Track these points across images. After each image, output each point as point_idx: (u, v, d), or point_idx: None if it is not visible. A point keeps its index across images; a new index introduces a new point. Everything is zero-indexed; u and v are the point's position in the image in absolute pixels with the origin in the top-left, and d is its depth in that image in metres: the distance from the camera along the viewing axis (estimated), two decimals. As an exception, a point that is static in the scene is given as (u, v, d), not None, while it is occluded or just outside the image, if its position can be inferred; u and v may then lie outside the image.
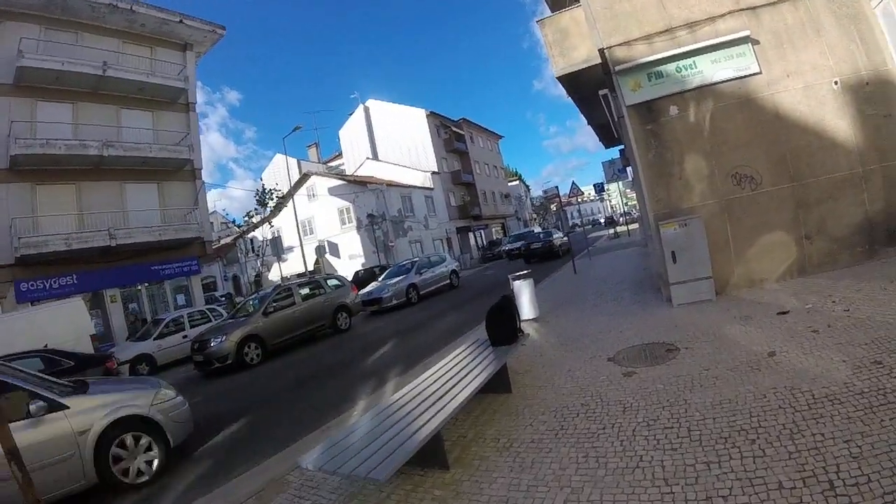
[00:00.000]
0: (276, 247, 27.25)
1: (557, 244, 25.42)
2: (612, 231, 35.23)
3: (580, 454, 3.90)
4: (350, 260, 36.36)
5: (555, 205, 20.98)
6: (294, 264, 31.66)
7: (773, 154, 7.93)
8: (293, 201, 30.49)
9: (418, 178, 43.68)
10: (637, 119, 8.48)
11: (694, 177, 8.19)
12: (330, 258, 37.97)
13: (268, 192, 30.77)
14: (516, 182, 71.00)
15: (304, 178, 40.26)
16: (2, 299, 17.28)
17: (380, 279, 20.76)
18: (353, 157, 50.29)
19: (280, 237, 30.11)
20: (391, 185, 39.43)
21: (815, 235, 7.85)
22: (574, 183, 20.89)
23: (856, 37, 7.74)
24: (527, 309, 9.64)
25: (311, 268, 32.13)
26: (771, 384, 4.36)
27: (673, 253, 7.70)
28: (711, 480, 3.20)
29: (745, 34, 7.89)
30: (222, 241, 37.58)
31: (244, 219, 35.16)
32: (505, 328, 5.99)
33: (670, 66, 8.26)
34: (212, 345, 12.34)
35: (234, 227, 33.63)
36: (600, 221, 73.86)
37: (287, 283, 15.96)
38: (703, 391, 4.53)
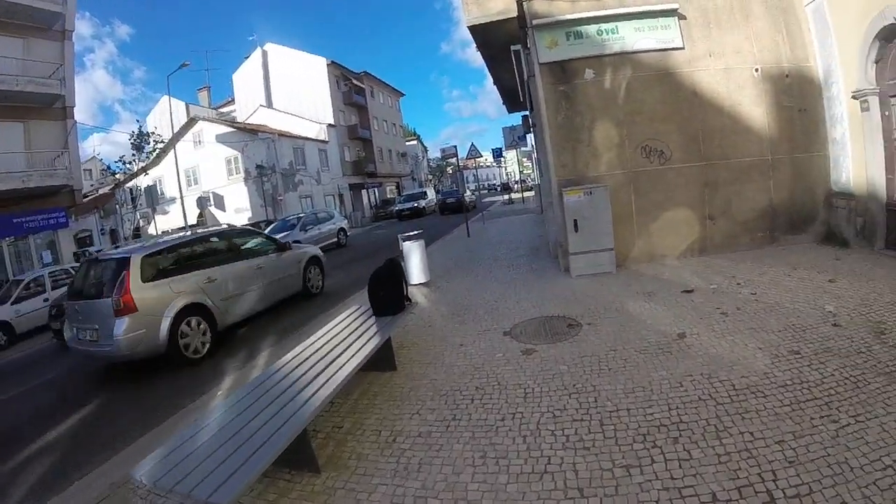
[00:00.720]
0: (151, 197, 24.43)
1: (468, 201, 26.79)
2: (507, 197, 35.45)
3: (476, 454, 3.22)
4: (236, 213, 33.67)
5: (451, 167, 20.38)
6: (177, 217, 28.71)
7: (687, 131, 7.72)
8: (175, 149, 27.43)
9: (313, 130, 41.23)
10: (549, 78, 7.87)
11: (603, 145, 7.77)
12: (215, 211, 35.05)
13: (144, 135, 27.36)
14: (414, 142, 69.68)
15: (190, 122, 36.41)
16: None
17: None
18: (246, 103, 46.39)
19: (157, 186, 27.13)
20: (283, 135, 36.82)
21: (718, 216, 7.79)
22: (473, 145, 20.40)
23: (783, 28, 7.66)
24: (416, 273, 8.95)
25: (193, 221, 29.42)
26: (685, 370, 3.95)
27: (575, 221, 7.27)
28: (634, 490, 2.65)
29: (674, 7, 7.57)
30: (100, 190, 33.38)
31: (118, 164, 31.36)
32: (390, 296, 5.19)
33: (591, 28, 7.72)
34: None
35: (119, 176, 29.75)
36: (496, 187, 74.89)
37: (173, 237, 13.81)
38: (613, 376, 4.03)
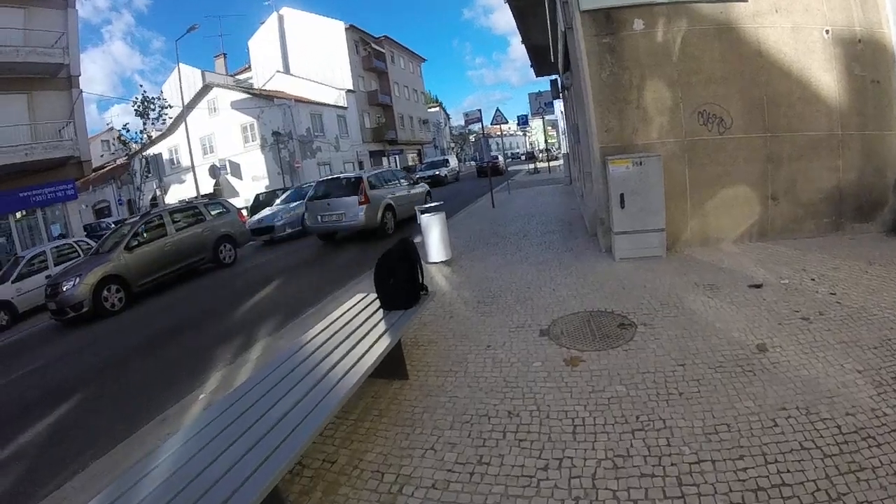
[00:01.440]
0: (157, 167, 23.76)
1: (502, 164, 27.85)
2: (532, 166, 34.05)
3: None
4: (253, 181, 33.02)
5: (474, 135, 19.26)
6: (193, 186, 28.05)
7: (749, 96, 6.58)
8: (185, 117, 26.62)
9: (332, 96, 40.08)
10: (592, 29, 6.74)
11: (654, 107, 6.67)
12: (231, 179, 34.48)
13: (148, 101, 26.49)
14: (436, 109, 67.96)
15: (204, 89, 35.55)
16: None
17: (276, 203, 18.36)
18: (263, 70, 45.19)
19: (173, 155, 26.39)
20: (300, 101, 35.76)
21: (781, 196, 6.68)
22: (499, 110, 19.10)
23: (855, -15, 6.46)
24: (436, 250, 8.07)
25: (209, 190, 28.76)
26: (777, 401, 3.03)
27: (622, 196, 6.25)
28: None
29: (742, -48, 6.35)
30: (118, 161, 33.02)
31: (130, 134, 30.70)
32: (402, 286, 4.30)
33: (644, -30, 6.58)
34: (64, 289, 9.88)
35: (132, 145, 28.99)
36: (520, 156, 73.06)
37: (157, 210, 13.25)
38: (686, 405, 3.11)
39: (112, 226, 22.85)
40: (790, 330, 3.96)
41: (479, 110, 16.46)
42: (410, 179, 16.43)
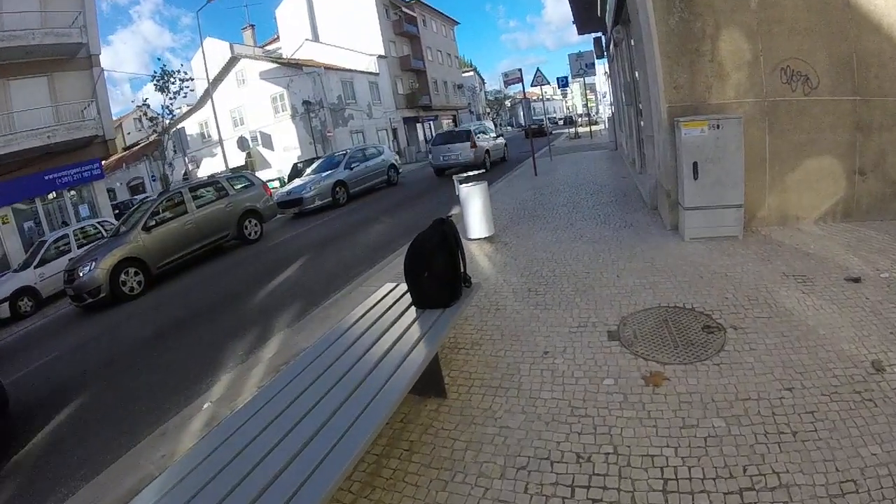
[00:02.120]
0: (180, 141, 23.43)
1: (548, 127, 27.09)
2: (573, 131, 32.60)
3: None
4: (285, 152, 32.70)
5: (510, 100, 18.23)
6: (230, 158, 27.73)
7: (837, 51, 5.47)
8: (212, 90, 26.13)
9: (363, 63, 39.08)
10: (658, -32, 5.77)
11: (730, 61, 5.65)
12: (263, 150, 34.16)
13: (168, 74, 25.99)
14: (471, 73, 66.08)
15: (232, 61, 35.11)
16: None
17: (307, 173, 17.77)
18: (292, 39, 44.26)
19: (183, 131, 26.06)
20: (330, 68, 34.91)
21: (869, 171, 5.60)
22: (539, 71, 17.87)
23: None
24: (477, 225, 7.30)
25: (240, 162, 28.41)
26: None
27: (695, 165, 5.33)
28: None
29: None
30: (151, 138, 33.10)
31: (145, 108, 30.43)
32: (439, 280, 3.54)
33: None
34: (80, 274, 9.58)
35: (159, 121, 28.79)
36: (558, 121, 70.72)
37: (177, 187, 12.80)
38: (803, 451, 2.34)
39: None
40: (911, 342, 3.10)
41: (520, 70, 15.31)
42: (495, 133, 21.66)
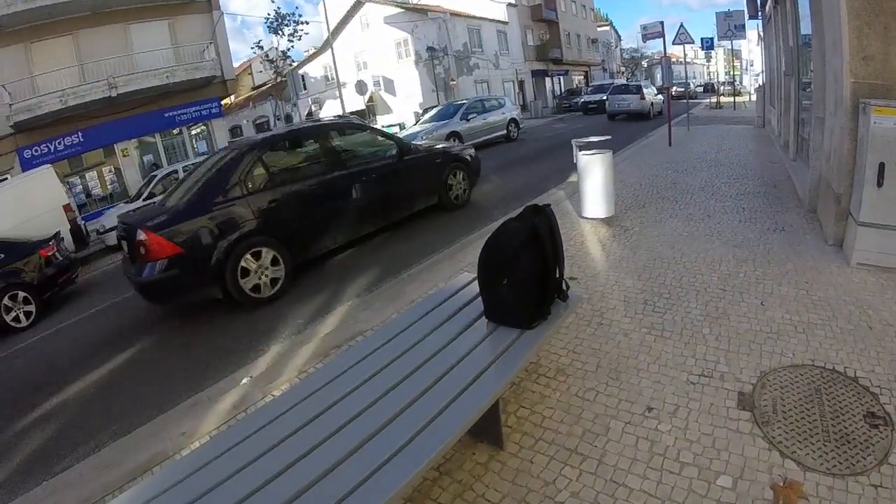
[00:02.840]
0: (294, 83, 23.62)
1: (692, 90, 25.70)
2: (714, 101, 29.12)
3: None
4: (407, 98, 32.35)
5: (647, 60, 16.13)
6: (351, 101, 27.83)
7: None
8: (331, 34, 26.02)
9: (491, 10, 37.25)
10: None
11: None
12: (385, 95, 34.03)
13: (282, 17, 26.08)
14: (606, 28, 61.40)
15: (357, 5, 34.76)
16: (9, 170, 15.95)
17: (421, 121, 17.03)
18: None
19: (296, 74, 26.24)
20: (456, 14, 33.63)
21: None
22: (683, 27, 15.57)
23: None
24: (594, 202, 6.11)
25: (360, 106, 28.46)
26: None
27: (882, 167, 3.78)
28: None
29: None
30: (279, 79, 34.33)
31: (264, 50, 30.93)
32: (521, 295, 2.60)
33: None
34: None
35: (279, 62, 29.50)
36: (698, 87, 64.38)
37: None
38: None
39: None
40: None
41: (661, 23, 13.34)
42: (656, 89, 23.77)
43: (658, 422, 2.56)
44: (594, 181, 6.02)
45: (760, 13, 14.87)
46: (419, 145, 8.42)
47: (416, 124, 17.35)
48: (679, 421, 2.55)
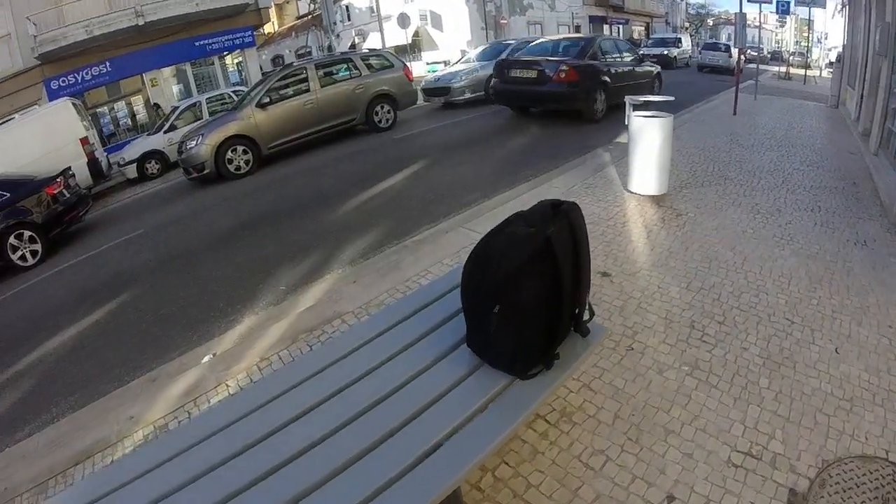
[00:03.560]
0: (327, 13, 22.44)
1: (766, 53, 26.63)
2: (782, 70, 26.61)
3: None
4: (454, 35, 30.65)
5: (713, 18, 14.51)
6: (390, 36, 26.40)
7: None
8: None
9: (552, -56, 34.78)
10: None
11: None
12: (432, 31, 32.32)
13: None
14: (674, -21, 57.18)
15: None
16: (38, 101, 15.52)
17: (463, 60, 15.79)
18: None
19: (327, 4, 24.92)
20: (512, -54, 31.44)
21: None
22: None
23: None
24: (645, 175, 5.12)
25: (404, 41, 27.03)
26: None
27: None
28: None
29: None
30: (315, 8, 32.95)
31: None
32: (517, 333, 1.81)
33: None
34: (189, 147, 9.26)
35: None
36: (766, 54, 59.36)
37: (301, 62, 11.70)
38: None
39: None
40: None
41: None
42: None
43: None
44: (647, 149, 5.03)
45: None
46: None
47: (458, 62, 16.11)
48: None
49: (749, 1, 14.42)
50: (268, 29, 21.69)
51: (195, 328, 4.16)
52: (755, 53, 28.31)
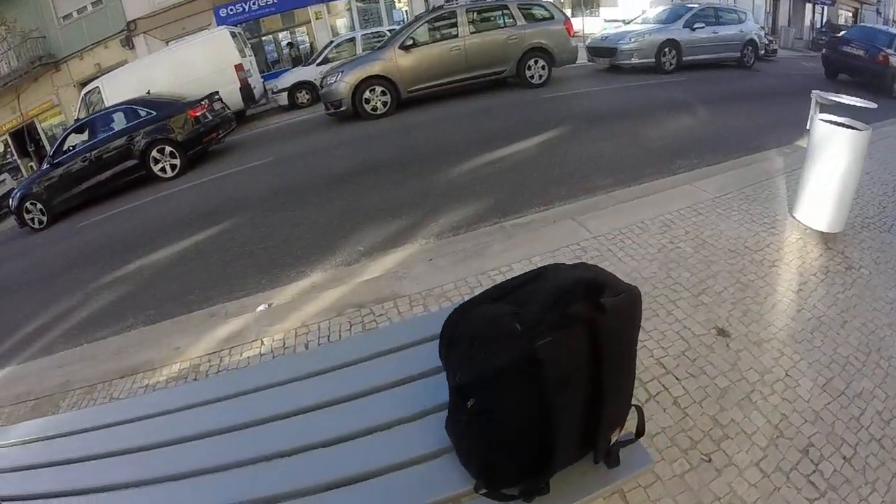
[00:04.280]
0: None
1: None
2: None
3: None
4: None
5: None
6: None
7: None
8: None
9: None
10: None
11: None
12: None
13: None
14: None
15: None
16: (208, 26, 16.63)
17: (639, 20, 14.12)
18: None
19: None
20: None
21: None
22: None
23: None
24: (815, 202, 3.75)
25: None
26: None
27: None
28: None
29: None
30: None
31: None
32: (491, 442, 1.21)
33: None
34: (329, 83, 9.43)
35: None
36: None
37: (452, 5, 11.07)
38: None
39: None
40: None
41: None
42: None
43: None
44: (827, 169, 3.73)
45: None
46: None
47: (632, 21, 14.44)
48: None
49: None
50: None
51: (268, 272, 4.34)
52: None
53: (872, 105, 4.05)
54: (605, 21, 25.23)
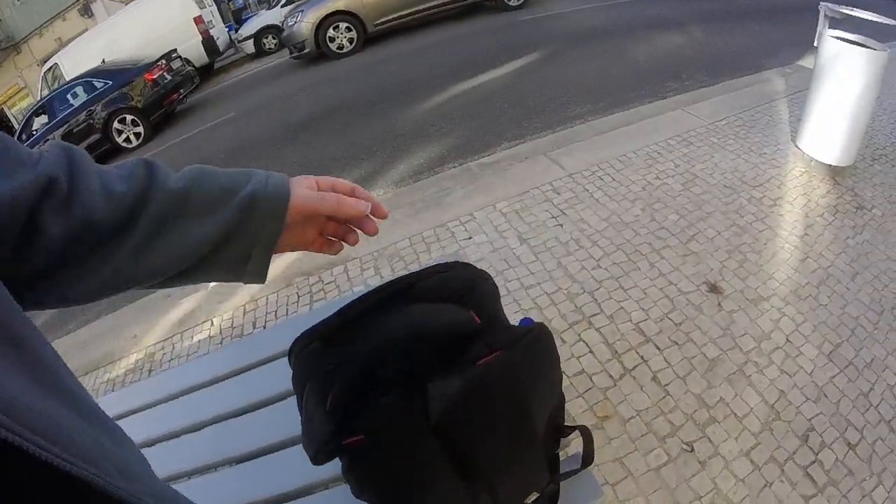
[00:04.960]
0: None
1: None
2: None
3: None
4: None
5: None
6: None
7: None
8: None
9: None
10: None
11: None
12: None
13: None
14: None
15: None
16: None
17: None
18: None
19: None
20: None
21: None
22: None
23: None
24: (823, 131, 3.30)
25: None
26: None
27: None
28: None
29: None
30: None
31: None
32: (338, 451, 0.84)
33: None
34: (290, 25, 8.77)
35: None
36: None
37: None
38: None
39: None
40: None
41: None
42: None
43: None
44: (837, 93, 3.24)
45: None
46: None
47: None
48: None
49: None
50: None
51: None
52: None
53: (893, 21, 3.48)
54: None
